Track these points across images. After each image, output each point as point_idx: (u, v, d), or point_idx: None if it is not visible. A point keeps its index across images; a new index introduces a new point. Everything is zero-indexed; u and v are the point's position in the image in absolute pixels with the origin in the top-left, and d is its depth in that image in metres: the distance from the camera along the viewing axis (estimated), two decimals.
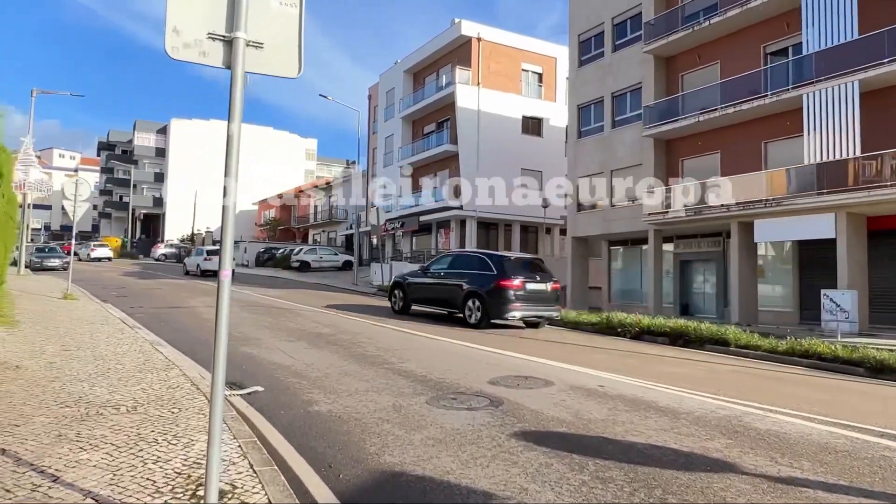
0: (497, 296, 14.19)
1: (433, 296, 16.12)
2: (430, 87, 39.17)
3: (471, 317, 14.57)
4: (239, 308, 16.32)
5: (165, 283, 26.23)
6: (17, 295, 16.73)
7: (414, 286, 16.77)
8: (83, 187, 16.77)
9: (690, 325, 13.12)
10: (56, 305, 14.81)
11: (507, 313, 14.12)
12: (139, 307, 16.05)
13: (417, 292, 16.59)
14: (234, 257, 34.26)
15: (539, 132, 37.62)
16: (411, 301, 16.75)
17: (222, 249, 3.59)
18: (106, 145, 79.88)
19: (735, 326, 13.07)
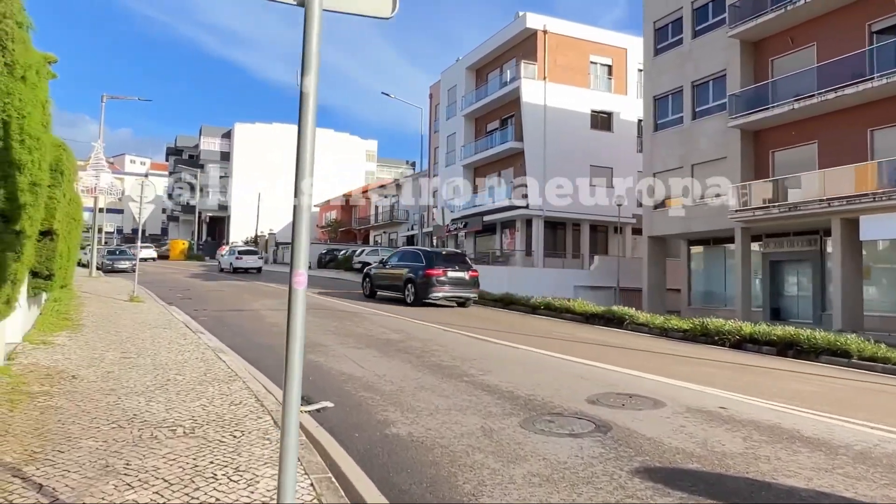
0: (425, 281, 17.89)
1: (387, 283, 19.87)
2: (493, 84, 38.13)
3: (407, 297, 18.25)
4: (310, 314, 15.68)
5: (228, 284, 26.12)
6: (86, 297, 16.63)
7: (376, 276, 20.72)
8: (148, 189, 16.54)
9: (802, 334, 11.62)
10: (121, 308, 14.52)
11: (431, 294, 17.95)
12: (203, 310, 15.64)
13: (378, 280, 20.51)
14: None
15: (609, 127, 36.02)
16: (375, 288, 20.50)
17: (296, 247, 2.70)
18: (174, 150, 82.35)
19: (855, 335, 11.47)
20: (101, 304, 14.97)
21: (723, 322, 13.16)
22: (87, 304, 14.89)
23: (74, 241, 11.71)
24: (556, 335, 13.24)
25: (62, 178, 9.26)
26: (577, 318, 16.40)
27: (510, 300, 19.16)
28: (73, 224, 11.00)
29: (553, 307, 17.31)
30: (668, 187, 25.20)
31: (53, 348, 8.75)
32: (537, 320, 16.32)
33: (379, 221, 55.96)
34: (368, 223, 58.94)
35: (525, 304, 18.47)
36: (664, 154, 25.33)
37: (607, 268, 31.24)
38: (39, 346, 8.85)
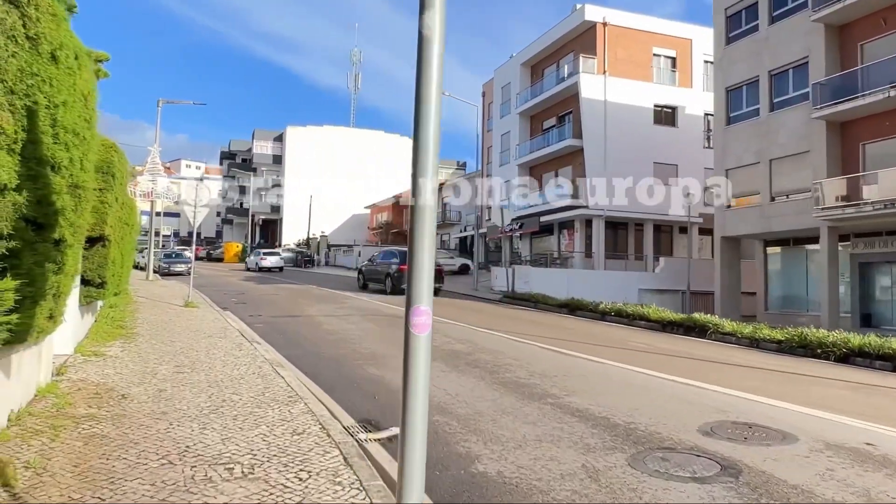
0: (399, 275, 22.48)
1: (374, 277, 24.97)
2: (549, 80, 36.90)
3: (386, 289, 23.13)
4: (361, 318, 15.01)
5: (282, 288, 25.78)
6: (141, 303, 16.36)
7: (366, 271, 26.54)
8: (203, 192, 16.17)
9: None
10: (176, 314, 14.10)
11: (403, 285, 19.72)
12: (258, 315, 15.13)
13: (368, 275, 25.96)
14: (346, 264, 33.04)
15: (673, 122, 34.35)
16: (367, 281, 25.84)
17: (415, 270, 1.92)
18: (227, 154, 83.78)
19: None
20: (155, 310, 14.61)
21: (825, 333, 11.80)
22: (141, 309, 14.56)
23: (128, 247, 11.27)
24: (635, 346, 12.13)
25: (113, 182, 8.75)
26: (651, 326, 15.21)
27: (576, 305, 18.08)
28: (126, 229, 10.52)
29: (625, 313, 16.15)
30: (743, 184, 23.61)
31: (105, 360, 8.22)
32: (608, 328, 15.20)
33: None
34: None
35: (593, 309, 17.36)
36: (738, 149, 23.72)
37: (674, 270, 29.66)
38: (91, 357, 8.34)
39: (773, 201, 22.22)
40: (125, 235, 10.47)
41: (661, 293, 29.35)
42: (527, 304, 20.40)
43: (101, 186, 8.47)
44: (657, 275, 29.81)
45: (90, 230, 8.30)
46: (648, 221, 33.49)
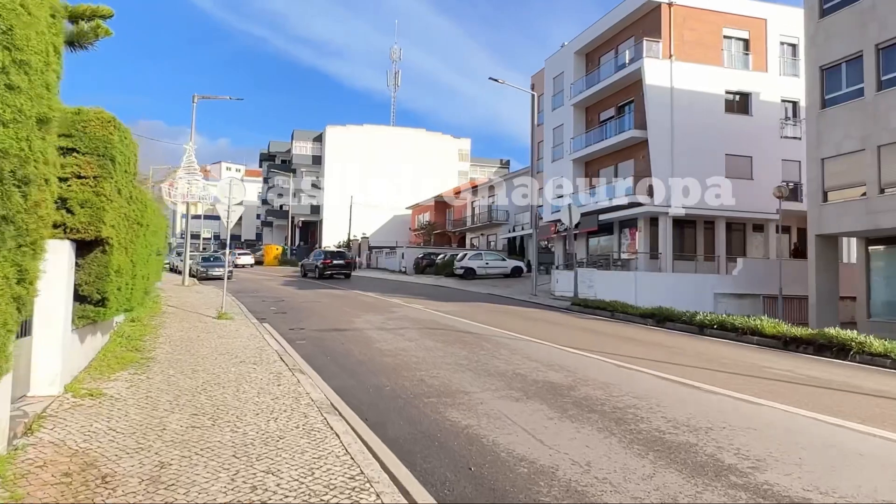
0: (322, 267, 34.92)
1: (311, 269, 36.53)
2: (607, 68, 34.22)
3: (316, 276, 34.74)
4: (418, 332, 12.76)
5: (324, 294, 23.77)
6: (170, 313, 14.43)
7: (306, 266, 38.21)
8: (237, 190, 14.17)
9: None
10: (206, 329, 12.08)
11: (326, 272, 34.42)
12: (299, 329, 13.03)
13: (307, 269, 37.57)
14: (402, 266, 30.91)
15: (747, 110, 31.29)
16: (306, 271, 37.81)
17: None
18: (267, 156, 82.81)
19: None
20: (183, 324, 12.62)
21: None
22: (167, 323, 12.59)
23: (141, 252, 9.21)
24: (774, 373, 9.56)
25: (113, 168, 6.65)
26: (767, 343, 12.57)
27: (664, 315, 15.48)
28: (137, 230, 8.46)
29: (730, 326, 13.49)
30: (842, 175, 20.65)
31: (100, 405, 6.13)
32: (716, 345, 12.61)
33: (476, 223, 52.90)
34: (464, 225, 56.04)
35: (687, 321, 14.75)
36: (836, 135, 20.74)
37: (753, 271, 26.73)
38: (84, 400, 6.26)
39: (882, 193, 19.23)
40: (136, 237, 8.40)
41: (740, 298, 26.47)
42: (602, 314, 17.86)
43: (95, 173, 6.39)
44: (734, 277, 26.89)
45: (81, 231, 6.22)
46: (720, 219, 30.55)
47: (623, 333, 13.85)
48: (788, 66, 32.22)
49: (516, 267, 35.46)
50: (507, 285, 29.91)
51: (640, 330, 14.72)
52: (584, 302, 19.43)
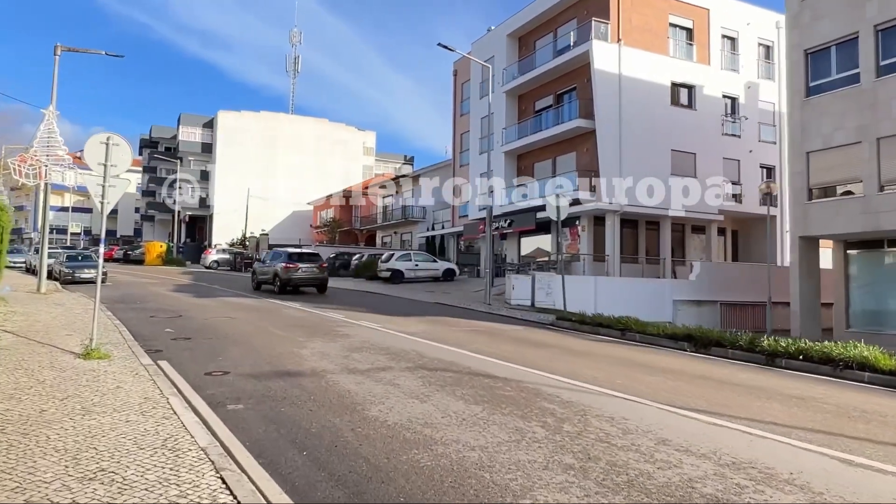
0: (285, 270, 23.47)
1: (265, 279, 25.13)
2: (544, 52, 31.35)
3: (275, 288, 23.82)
4: (414, 377, 8.71)
5: (233, 305, 18.94)
6: (3, 350, 9.44)
7: (258, 272, 26.47)
8: (120, 153, 9.42)
9: None
10: (61, 385, 7.39)
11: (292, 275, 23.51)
12: (221, 373, 8.61)
13: (260, 275, 25.96)
14: None
15: (691, 103, 29.46)
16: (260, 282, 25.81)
17: None
18: (148, 142, 73.84)
19: None
20: (17, 374, 7.82)
21: None
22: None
23: None
24: None
25: None
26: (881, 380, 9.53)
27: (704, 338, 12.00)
28: None
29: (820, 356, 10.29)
30: (833, 171, 18.71)
31: None
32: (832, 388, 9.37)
33: (389, 220, 48.70)
34: (375, 223, 51.63)
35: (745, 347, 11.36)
36: (825, 126, 18.76)
37: (711, 276, 24.69)
38: None
39: (882, 191, 17.35)
40: None
41: (699, 305, 24.30)
42: (607, 333, 14.31)
43: None
44: (692, 283, 24.71)
45: None
46: (665, 219, 28.45)
47: (693, 370, 10.35)
48: (728, 60, 30.82)
49: (449, 269, 31.77)
50: (445, 291, 26.13)
51: (692, 361, 11.34)
52: (580, 318, 15.92)
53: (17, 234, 72.93)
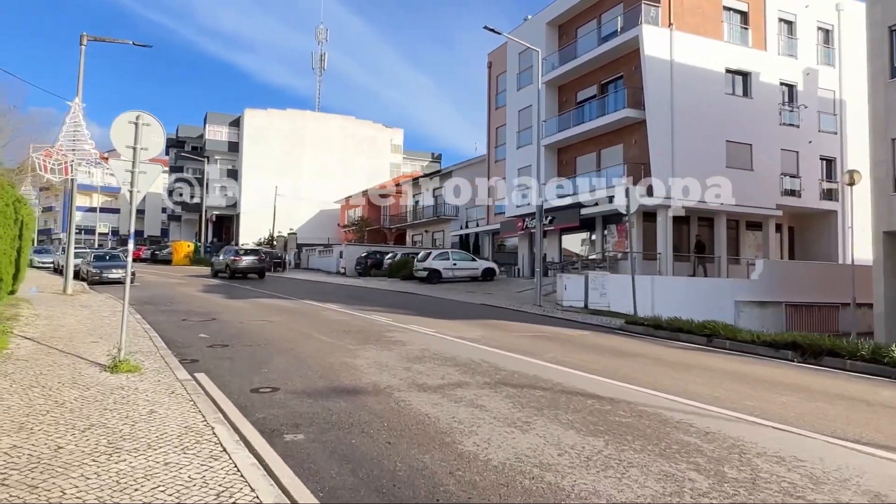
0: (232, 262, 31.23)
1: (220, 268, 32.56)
2: (586, 41, 29.78)
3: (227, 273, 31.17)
4: (499, 395, 7.35)
5: (268, 306, 17.75)
6: (19, 358, 8.25)
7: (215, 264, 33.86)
8: (151, 134, 8.17)
9: None
10: (83, 409, 6.14)
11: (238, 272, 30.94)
12: (268, 390, 7.32)
13: (216, 266, 33.33)
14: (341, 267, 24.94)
15: (746, 91, 27.66)
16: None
17: None
18: (175, 142, 73.39)
19: None
20: (32, 393, 6.58)
21: None
22: (5, 388, 6.53)
23: None
24: None
25: None
26: None
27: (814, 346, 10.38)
28: None
29: None
30: None
31: None
32: None
33: (419, 219, 47.40)
34: (404, 221, 50.36)
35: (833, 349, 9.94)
36: None
37: (775, 275, 22.97)
38: None
39: None
40: None
41: (762, 306, 22.59)
42: (689, 339, 12.75)
43: None
44: (754, 282, 23.00)
45: None
46: (720, 214, 26.72)
47: (822, 386, 8.81)
48: (785, 45, 28.94)
49: (488, 269, 30.30)
50: (487, 291, 24.69)
51: (809, 374, 9.74)
52: (655, 322, 14.30)
53: (46, 235, 73.07)
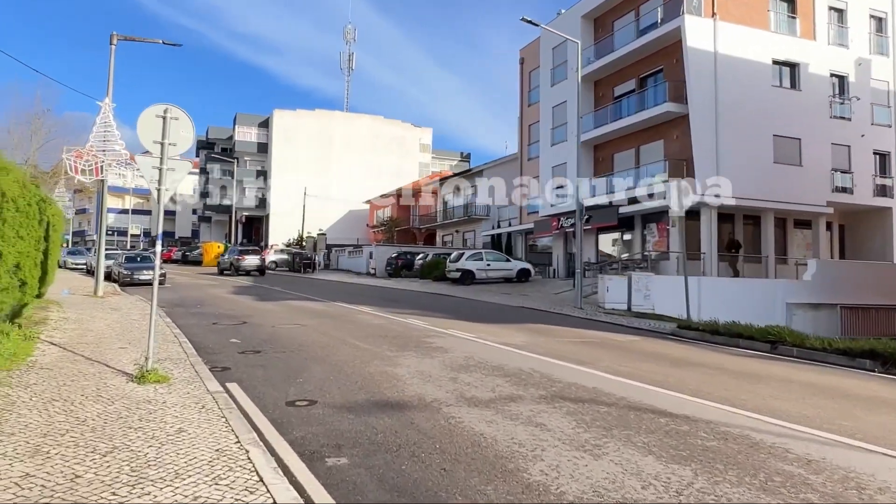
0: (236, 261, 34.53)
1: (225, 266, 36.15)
2: (623, 34, 28.83)
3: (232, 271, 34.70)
4: (558, 412, 6.68)
5: (303, 309, 17.23)
6: (42, 367, 7.79)
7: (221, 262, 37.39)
8: (180, 128, 7.63)
9: None
10: (107, 426, 5.59)
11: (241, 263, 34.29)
12: (305, 403, 6.74)
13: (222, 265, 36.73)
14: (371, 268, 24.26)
15: (795, 83, 26.43)
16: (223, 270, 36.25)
17: None
18: (205, 144, 73.91)
19: None
20: (53, 408, 6.07)
21: None
22: (22, 401, 6.02)
23: None
24: None
25: None
26: None
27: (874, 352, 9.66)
28: None
29: None
30: None
31: None
32: None
33: (450, 219, 46.75)
34: (434, 221, 49.76)
35: None
36: None
37: (829, 276, 21.72)
38: None
39: None
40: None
41: (815, 309, 21.35)
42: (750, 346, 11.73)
43: None
44: (806, 283, 21.79)
45: None
46: (766, 212, 25.56)
47: None
48: (835, 34, 27.61)
49: (523, 269, 29.49)
50: (523, 293, 23.92)
51: None
52: (712, 327, 13.34)
53: (80, 237, 74.18)
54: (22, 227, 7.23)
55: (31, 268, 8.34)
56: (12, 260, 6.94)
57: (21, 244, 7.23)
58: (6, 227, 6.30)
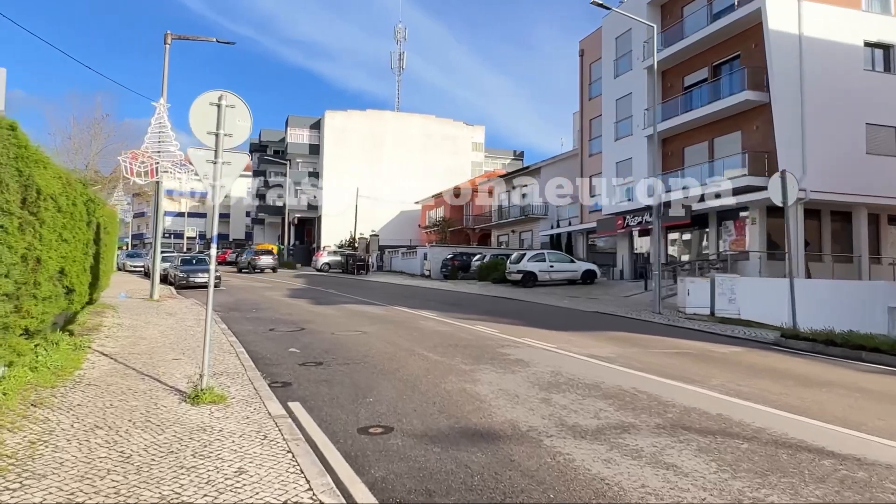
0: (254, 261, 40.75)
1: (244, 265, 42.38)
2: (694, 19, 27.12)
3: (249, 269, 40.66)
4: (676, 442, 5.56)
5: (362, 314, 16.38)
6: (91, 381, 7.03)
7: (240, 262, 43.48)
8: (236, 117, 6.77)
9: None
10: (155, 463, 4.71)
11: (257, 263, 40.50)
12: (385, 436, 5.75)
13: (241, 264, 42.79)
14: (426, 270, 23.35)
15: (890, 67, 24.25)
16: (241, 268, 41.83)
17: None
18: (258, 146, 74.61)
19: None
20: (97, 439, 5.21)
21: None
22: (62, 427, 5.22)
23: None
24: None
25: None
26: None
27: None
28: None
29: None
30: None
31: None
32: None
33: (505, 218, 45.51)
34: (489, 221, 48.61)
35: None
36: None
37: None
38: None
39: None
40: None
41: None
42: (876, 359, 10.22)
43: None
44: None
45: None
46: (859, 207, 23.49)
47: None
48: None
49: (589, 271, 28.06)
50: (591, 296, 22.57)
51: None
52: (827, 336, 11.67)
53: (139, 240, 76.01)
54: (66, 228, 6.52)
55: (78, 273, 7.67)
56: (55, 266, 6.21)
57: (65, 248, 6.52)
58: (44, 229, 5.54)
